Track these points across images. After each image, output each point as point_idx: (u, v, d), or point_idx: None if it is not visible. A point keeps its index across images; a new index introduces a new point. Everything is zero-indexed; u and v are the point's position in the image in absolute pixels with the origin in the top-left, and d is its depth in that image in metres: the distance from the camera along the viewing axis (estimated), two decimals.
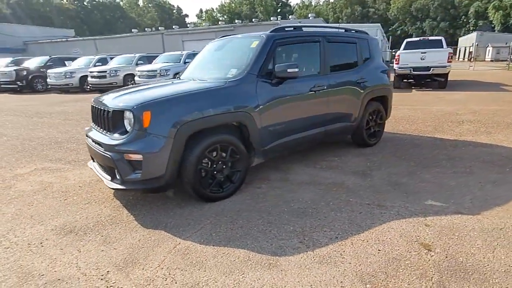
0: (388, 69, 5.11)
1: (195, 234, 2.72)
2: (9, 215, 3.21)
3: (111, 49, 26.49)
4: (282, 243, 2.53)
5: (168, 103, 2.99)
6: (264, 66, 3.53)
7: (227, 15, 59.86)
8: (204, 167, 3.16)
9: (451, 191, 3.31)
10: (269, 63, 3.57)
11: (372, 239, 2.53)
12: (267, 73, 3.54)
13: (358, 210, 2.99)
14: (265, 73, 3.54)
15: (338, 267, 2.21)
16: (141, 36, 29.36)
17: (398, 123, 6.51)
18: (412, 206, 3.02)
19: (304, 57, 4.14)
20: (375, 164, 4.20)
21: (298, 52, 4.13)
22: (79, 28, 55.74)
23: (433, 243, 2.43)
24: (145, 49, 21.18)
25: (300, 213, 2.98)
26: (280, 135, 3.70)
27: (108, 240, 2.68)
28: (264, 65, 3.54)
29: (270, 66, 3.56)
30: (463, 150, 4.61)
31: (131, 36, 30.39)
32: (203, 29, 26.41)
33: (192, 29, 27.71)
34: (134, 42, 28.25)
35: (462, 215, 2.81)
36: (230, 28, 25.63)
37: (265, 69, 3.54)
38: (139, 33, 30.93)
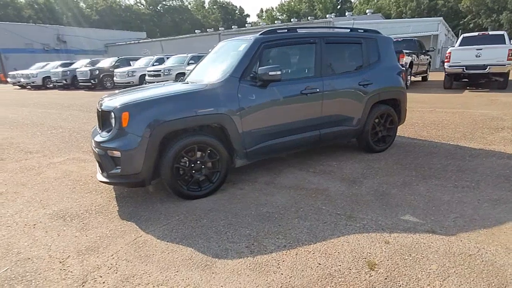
0: (403, 71, 4.70)
1: (159, 229, 2.81)
2: (26, 198, 3.61)
3: (174, 49, 27.97)
4: (229, 246, 2.51)
5: (144, 105, 3.11)
6: (248, 69, 3.50)
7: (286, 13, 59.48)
8: (181, 166, 3.23)
9: (438, 207, 2.97)
10: (254, 66, 3.52)
11: (319, 251, 2.39)
12: (252, 76, 3.50)
13: (323, 220, 2.83)
14: (250, 76, 3.50)
15: (268, 276, 2.14)
16: (200, 37, 30.57)
17: (424, 127, 5.96)
18: (384, 220, 2.78)
19: (296, 59, 4.01)
20: (372, 171, 3.92)
21: (290, 54, 4.00)
22: (152, 30, 59.79)
23: (381, 262, 2.22)
24: (203, 49, 21.79)
25: (264, 218, 2.92)
26: (266, 138, 3.63)
27: (85, 227, 2.90)
28: (248, 68, 3.50)
29: (255, 69, 3.52)
30: (482, 161, 4.08)
31: (191, 36, 31.84)
32: (257, 28, 26.59)
33: (247, 29, 28.10)
34: (194, 43, 29.52)
35: (433, 235, 2.52)
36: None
37: (249, 72, 3.50)
38: (198, 34, 32.21)
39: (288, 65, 3.94)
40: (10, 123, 8.43)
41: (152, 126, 3.02)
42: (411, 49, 12.47)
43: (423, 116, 6.97)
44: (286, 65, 3.89)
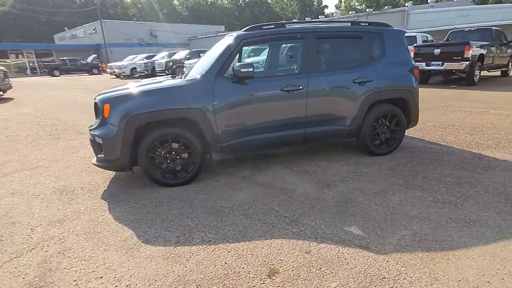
0: (414, 67, 4.15)
1: (122, 211, 3.04)
2: (49, 173, 4.18)
3: None
4: (163, 234, 2.61)
5: (122, 98, 3.34)
6: (226, 66, 3.49)
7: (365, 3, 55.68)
8: (157, 156, 3.41)
9: (395, 221, 2.64)
10: (233, 63, 3.49)
11: (235, 251, 2.34)
12: (230, 73, 3.48)
13: (265, 220, 2.75)
14: (228, 73, 3.49)
15: (172, 267, 2.19)
16: None
17: (456, 131, 5.18)
18: (326, 228, 2.58)
19: (281, 55, 3.83)
20: (356, 175, 3.60)
21: (274, 50, 3.84)
22: (233, 24, 61.78)
23: (284, 271, 2.09)
24: None
25: (214, 212, 2.94)
26: (242, 134, 3.60)
27: (70, 202, 3.28)
28: (226, 65, 3.49)
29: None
30: (493, 175, 3.44)
31: None
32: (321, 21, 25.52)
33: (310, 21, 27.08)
34: None
35: (362, 251, 2.27)
36: (353, 19, 24.03)
37: (226, 68, 3.49)
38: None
39: (271, 61, 3.80)
40: (87, 107, 9.61)
41: (126, 118, 3.24)
42: (484, 40, 10.78)
43: (465, 117, 6.06)
44: (268, 61, 3.75)
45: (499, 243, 2.27)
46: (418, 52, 10.61)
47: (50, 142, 5.67)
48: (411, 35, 13.18)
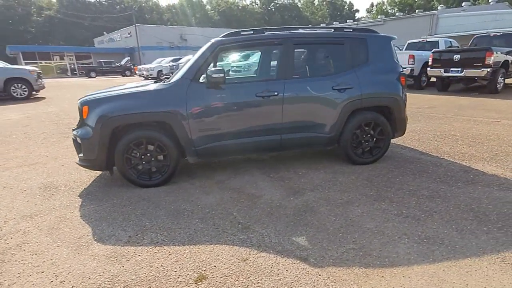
0: (401, 74, 3.97)
1: (91, 208, 3.14)
2: (45, 169, 4.39)
3: None
4: (117, 233, 2.67)
5: (99, 100, 3.46)
6: (201, 71, 3.52)
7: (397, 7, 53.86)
8: (132, 157, 3.51)
9: (347, 234, 2.54)
10: (208, 68, 3.52)
11: (176, 254, 2.36)
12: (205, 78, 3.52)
13: (218, 225, 2.74)
14: (203, 78, 3.53)
15: (111, 266, 2.24)
16: None
17: (454, 142, 4.86)
18: (274, 237, 2.54)
19: (258, 61, 3.80)
20: (329, 184, 3.50)
21: (251, 56, 3.81)
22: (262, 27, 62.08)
23: (212, 278, 2.09)
24: None
25: (175, 214, 2.97)
26: (217, 138, 3.61)
27: (50, 198, 3.44)
28: (201, 70, 3.52)
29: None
30: (472, 190, 3.21)
31: None
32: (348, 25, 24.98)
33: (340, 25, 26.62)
34: None
35: (298, 262, 2.21)
36: (379, 23, 23.38)
37: (201, 73, 3.52)
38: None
39: (247, 67, 3.79)
40: None
41: (101, 120, 3.36)
42: (511, 45, 10.10)
43: (471, 127, 5.70)
44: (244, 67, 3.74)
45: (444, 263, 2.12)
46: (436, 58, 10.13)
47: (58, 140, 5.97)
48: (433, 40, 12.62)
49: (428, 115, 6.96)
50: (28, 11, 67.12)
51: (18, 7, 65.51)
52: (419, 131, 5.63)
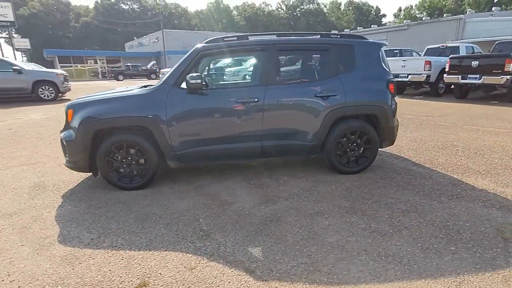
0: (390, 81, 3.79)
1: (67, 209, 3.20)
2: (41, 169, 4.56)
3: None
4: (82, 235, 2.70)
5: (83, 104, 3.55)
6: (182, 77, 3.52)
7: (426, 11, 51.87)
8: (113, 160, 3.57)
9: (303, 247, 2.44)
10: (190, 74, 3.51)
11: (126, 258, 2.35)
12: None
13: (181, 231, 2.72)
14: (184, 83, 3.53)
15: (63, 268, 2.26)
16: None
17: (453, 153, 4.58)
18: (230, 246, 2.48)
19: (240, 67, 3.75)
20: (306, 193, 3.39)
21: (234, 62, 3.78)
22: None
23: (154, 285, 2.06)
24: None
25: (143, 218, 2.98)
26: (197, 143, 3.60)
27: (34, 197, 3.55)
28: (182, 76, 3.52)
29: None
30: (454, 205, 3.00)
31: None
32: (374, 29, 24.36)
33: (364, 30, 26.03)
34: None
35: (243, 274, 2.14)
36: (403, 28, 22.68)
37: (183, 79, 3.53)
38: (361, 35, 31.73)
39: (229, 73, 3.76)
40: None
41: (83, 123, 3.44)
42: None
43: (477, 138, 5.36)
44: (228, 73, 3.72)
45: (393, 283, 1.99)
46: (453, 64, 9.66)
47: None
48: (454, 46, 12.05)
49: (435, 124, 6.63)
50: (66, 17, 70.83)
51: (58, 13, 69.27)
52: (420, 140, 5.36)
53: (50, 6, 69.81)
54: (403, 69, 11.05)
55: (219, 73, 4.03)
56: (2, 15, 30.13)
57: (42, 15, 64.65)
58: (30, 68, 13.67)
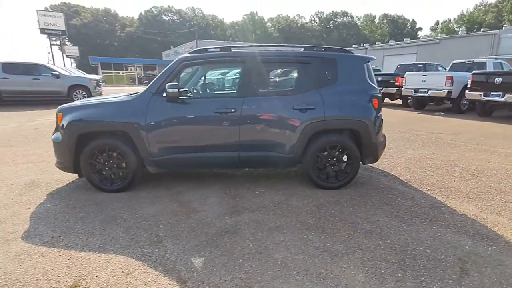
0: (374, 96, 3.62)
1: (46, 207, 3.32)
2: (40, 167, 4.79)
3: None
4: (46, 233, 2.79)
5: (71, 109, 3.70)
6: (164, 85, 3.58)
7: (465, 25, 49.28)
8: (96, 162, 3.69)
9: (249, 262, 2.36)
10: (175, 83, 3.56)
11: (72, 259, 2.39)
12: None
13: (136, 236, 2.73)
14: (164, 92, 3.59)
15: (13, 264, 2.35)
16: None
17: (447, 174, 4.27)
18: (175, 255, 2.45)
19: (220, 78, 3.75)
20: (276, 207, 3.29)
21: (213, 73, 3.78)
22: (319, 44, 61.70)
23: (86, 287, 2.08)
24: None
25: (108, 220, 3.03)
26: (175, 151, 3.63)
27: (24, 194, 3.73)
28: (164, 84, 3.58)
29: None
30: (421, 229, 2.77)
31: None
32: (404, 43, 23.52)
33: (394, 44, 25.21)
34: None
35: (174, 284, 2.10)
36: (434, 42, 21.74)
37: (163, 88, 3.58)
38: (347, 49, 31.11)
39: (209, 83, 3.77)
40: None
41: (68, 126, 3.59)
42: None
43: (482, 159, 4.96)
44: (207, 83, 3.73)
45: None
46: (476, 81, 9.07)
47: None
48: (480, 61, 11.33)
49: (444, 142, 6.23)
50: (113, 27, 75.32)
51: (105, 23, 73.84)
52: (419, 158, 5.06)
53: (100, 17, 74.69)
54: (423, 84, 10.56)
55: (201, 83, 4.08)
56: (54, 24, 32.61)
57: (92, 25, 69.23)
58: (67, 73, 14.62)
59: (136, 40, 72.77)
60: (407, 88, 11.15)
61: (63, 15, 34.51)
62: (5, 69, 13.16)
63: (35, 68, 13.84)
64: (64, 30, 33.76)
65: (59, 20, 33.07)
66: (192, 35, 58.08)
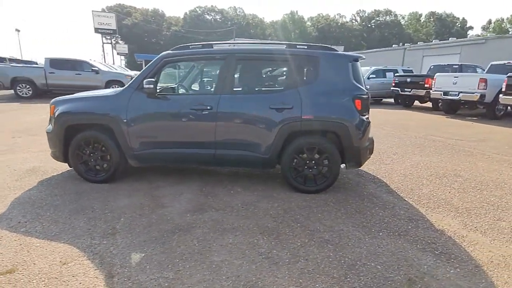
0: (357, 97, 3.34)
1: (30, 194, 3.46)
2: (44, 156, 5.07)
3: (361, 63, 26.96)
4: (15, 218, 2.90)
5: (62, 101, 3.85)
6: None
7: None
8: (82, 154, 3.80)
9: (185, 262, 2.28)
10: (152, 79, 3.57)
11: (24, 244, 2.47)
12: None
13: (94, 226, 2.77)
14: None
15: None
16: (385, 52, 28.03)
17: (445, 185, 3.84)
18: (119, 248, 2.44)
19: (200, 75, 3.67)
20: (243, 208, 3.17)
21: (196, 70, 3.70)
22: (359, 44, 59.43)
23: (20, 273, 2.13)
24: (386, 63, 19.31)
25: (78, 210, 3.08)
26: (153, 146, 3.64)
27: (21, 179, 3.93)
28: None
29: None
30: (383, 243, 2.49)
31: (376, 51, 29.69)
32: (446, 43, 21.81)
33: (435, 43, 23.48)
34: (378, 57, 27.51)
35: (101, 277, 2.08)
36: (479, 41, 19.95)
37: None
38: (383, 49, 29.57)
39: (189, 80, 3.71)
40: None
41: (58, 118, 3.74)
42: None
43: (496, 170, 4.41)
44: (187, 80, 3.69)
45: None
46: (511, 84, 8.14)
47: None
48: None
49: (460, 149, 5.66)
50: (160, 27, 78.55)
51: (153, 22, 77.19)
52: (422, 166, 4.63)
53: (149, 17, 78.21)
54: (454, 86, 9.69)
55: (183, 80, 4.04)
56: (107, 24, 34.62)
57: (141, 25, 72.71)
58: (105, 69, 15.44)
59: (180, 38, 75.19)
60: (436, 90, 10.32)
61: (114, 15, 36.49)
62: (53, 64, 14.21)
63: (78, 64, 14.79)
64: (115, 29, 35.63)
65: (111, 20, 34.95)
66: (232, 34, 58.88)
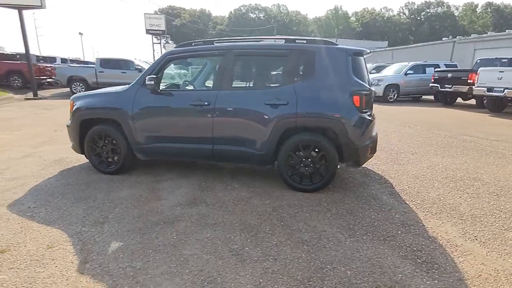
0: (356, 93, 3.12)
1: (47, 182, 3.74)
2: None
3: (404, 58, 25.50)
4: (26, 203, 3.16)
5: (79, 97, 4.10)
6: None
7: None
8: (96, 146, 4.04)
9: (156, 253, 2.31)
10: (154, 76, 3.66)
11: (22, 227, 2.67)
12: None
13: (88, 215, 2.91)
14: None
15: None
16: (432, 45, 25.95)
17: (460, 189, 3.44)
18: (103, 237, 2.55)
19: (201, 71, 3.67)
20: (233, 203, 3.14)
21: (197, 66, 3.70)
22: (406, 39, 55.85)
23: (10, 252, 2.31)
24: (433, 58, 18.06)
25: (82, 199, 3.25)
26: (156, 140, 3.74)
27: (46, 168, 4.28)
28: None
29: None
30: (363, 246, 2.30)
31: (422, 45, 27.57)
32: (501, 35, 19.58)
33: (488, 36, 21.20)
34: (424, 51, 25.62)
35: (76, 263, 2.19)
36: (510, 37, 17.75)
37: None
38: (430, 43, 27.33)
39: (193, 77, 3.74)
40: None
41: (75, 113, 4.00)
42: None
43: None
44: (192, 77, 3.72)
45: None
46: None
47: None
48: None
49: (491, 151, 5.08)
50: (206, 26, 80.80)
51: (200, 22, 79.62)
52: (440, 167, 4.23)
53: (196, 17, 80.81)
54: (499, 81, 8.71)
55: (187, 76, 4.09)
56: (157, 25, 36.33)
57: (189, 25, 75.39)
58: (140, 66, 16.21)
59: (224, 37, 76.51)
60: (479, 86, 9.35)
61: (164, 16, 38.03)
62: (102, 64, 15.28)
63: (124, 63, 15.71)
64: (164, 30, 37.21)
65: (161, 21, 36.46)
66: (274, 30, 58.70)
